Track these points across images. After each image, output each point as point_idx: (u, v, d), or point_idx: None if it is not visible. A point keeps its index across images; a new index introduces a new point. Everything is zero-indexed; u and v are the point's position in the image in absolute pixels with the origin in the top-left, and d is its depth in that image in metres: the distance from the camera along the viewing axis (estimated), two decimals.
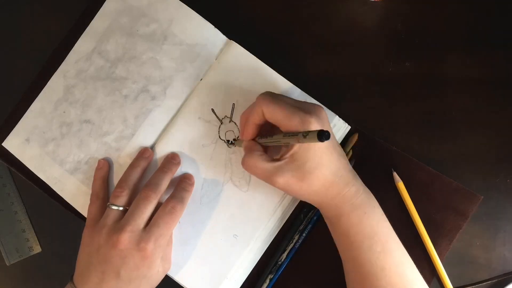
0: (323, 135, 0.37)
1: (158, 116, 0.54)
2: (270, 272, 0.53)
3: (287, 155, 0.45)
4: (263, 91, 0.52)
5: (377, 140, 0.54)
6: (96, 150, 0.54)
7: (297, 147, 0.44)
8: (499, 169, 0.54)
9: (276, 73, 0.53)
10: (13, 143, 0.56)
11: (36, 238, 0.57)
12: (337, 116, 0.53)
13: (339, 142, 0.54)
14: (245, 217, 0.52)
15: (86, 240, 0.49)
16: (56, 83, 0.56)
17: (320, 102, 0.54)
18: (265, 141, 0.47)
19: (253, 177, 0.53)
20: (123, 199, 0.49)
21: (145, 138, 0.54)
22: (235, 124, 0.53)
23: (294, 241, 0.53)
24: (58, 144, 0.55)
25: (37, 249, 0.57)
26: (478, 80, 0.55)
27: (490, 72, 0.55)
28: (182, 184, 0.51)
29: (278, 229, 0.53)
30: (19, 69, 0.58)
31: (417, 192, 0.53)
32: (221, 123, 0.53)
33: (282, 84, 0.53)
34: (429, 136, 0.55)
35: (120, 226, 0.46)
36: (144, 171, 0.52)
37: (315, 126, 0.43)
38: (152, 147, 0.54)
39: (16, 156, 0.55)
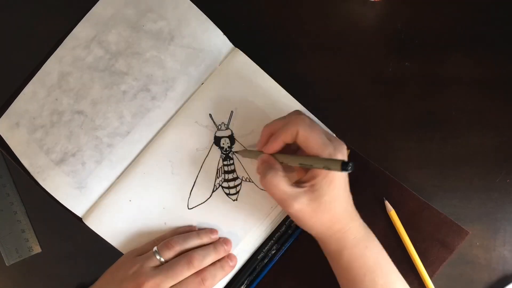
0: (347, 166, 0.40)
1: (157, 116, 0.54)
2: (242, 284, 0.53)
3: (308, 184, 0.45)
4: (263, 101, 0.53)
5: (371, 163, 0.54)
6: (85, 143, 0.53)
7: (319, 178, 0.44)
8: (499, 169, 0.54)
9: (278, 84, 0.53)
10: (3, 126, 0.54)
11: (35, 238, 0.57)
12: (334, 135, 0.53)
13: None
14: (231, 226, 0.53)
15: (121, 263, 0.50)
16: (51, 68, 0.54)
17: (319, 103, 0.55)
18: (284, 159, 0.47)
19: (244, 187, 0.53)
20: (170, 254, 0.49)
21: (140, 138, 0.54)
22: (231, 131, 0.53)
23: (274, 251, 0.53)
24: (47, 132, 0.54)
25: (37, 249, 0.56)
26: (478, 80, 0.55)
27: (490, 72, 0.55)
28: (222, 262, 0.50)
29: (261, 243, 0.53)
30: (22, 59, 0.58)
31: (405, 220, 0.53)
32: (218, 129, 0.53)
33: (283, 96, 0.53)
34: (429, 136, 0.55)
35: (152, 274, 0.47)
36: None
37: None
38: (146, 147, 0.54)
39: (5, 140, 0.54)
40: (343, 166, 0.40)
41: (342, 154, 0.45)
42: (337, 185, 0.45)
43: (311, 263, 0.53)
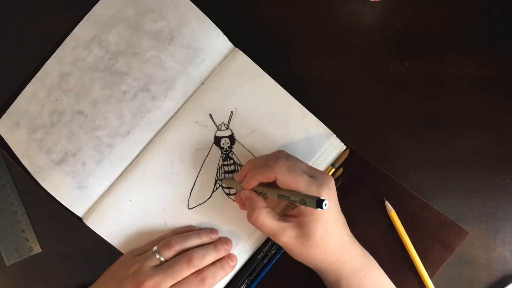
0: (321, 203, 0.39)
1: (157, 116, 0.54)
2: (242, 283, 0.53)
3: (295, 219, 0.45)
4: (263, 101, 0.53)
5: (371, 163, 0.54)
6: (86, 143, 0.53)
7: (306, 215, 0.44)
8: (499, 169, 0.54)
9: (278, 84, 0.53)
10: (4, 126, 0.55)
11: (36, 238, 0.57)
12: (334, 135, 0.53)
13: (334, 160, 0.54)
14: (231, 226, 0.53)
15: (121, 263, 0.50)
16: (51, 68, 0.54)
17: (319, 103, 0.55)
18: (263, 190, 0.47)
19: None
20: (170, 253, 0.49)
21: (140, 138, 0.54)
22: (231, 131, 0.53)
23: (274, 251, 0.53)
24: (47, 132, 0.54)
25: (37, 249, 0.56)
26: (478, 80, 0.55)
27: (490, 72, 0.55)
28: (223, 262, 0.50)
29: (261, 243, 0.53)
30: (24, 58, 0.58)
31: (405, 220, 0.52)
32: (218, 129, 0.53)
33: (282, 96, 0.53)
34: (429, 136, 0.55)
35: (152, 273, 0.47)
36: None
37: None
38: (146, 147, 0.54)
39: (5, 140, 0.54)
40: (318, 203, 0.39)
41: (328, 187, 0.45)
42: (326, 221, 0.45)
43: None
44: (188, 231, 0.52)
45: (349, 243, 0.47)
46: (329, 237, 0.45)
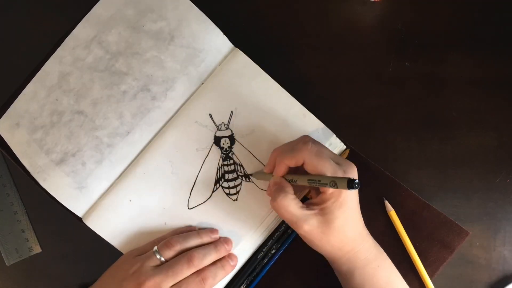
0: (353, 183, 0.39)
1: (157, 116, 0.54)
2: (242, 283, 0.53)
3: (318, 207, 0.45)
4: (263, 101, 0.53)
5: (371, 163, 0.54)
6: (86, 143, 0.53)
7: (330, 202, 0.45)
8: (499, 169, 0.54)
9: (278, 84, 0.53)
10: (4, 126, 0.54)
11: (35, 238, 0.57)
12: (334, 135, 0.53)
13: None
14: (231, 226, 0.53)
15: (121, 263, 0.50)
16: (51, 68, 0.54)
17: (319, 103, 0.55)
18: (293, 177, 0.47)
19: (244, 187, 0.53)
20: (170, 253, 0.49)
21: (140, 138, 0.54)
22: (231, 131, 0.53)
23: (274, 251, 0.53)
24: (47, 132, 0.54)
25: (37, 249, 0.56)
26: (478, 80, 0.55)
27: (490, 72, 0.55)
28: (223, 261, 0.50)
29: (261, 243, 0.53)
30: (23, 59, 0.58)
31: (405, 220, 0.53)
32: (218, 129, 0.53)
33: (282, 96, 0.53)
34: (429, 137, 0.55)
35: (152, 273, 0.47)
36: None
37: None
38: (146, 147, 0.54)
39: (5, 140, 0.54)
40: (350, 183, 0.40)
41: (353, 176, 0.45)
42: (348, 208, 0.45)
43: (311, 262, 0.53)
44: (188, 231, 0.52)
45: (364, 234, 0.48)
46: (349, 225, 0.46)
